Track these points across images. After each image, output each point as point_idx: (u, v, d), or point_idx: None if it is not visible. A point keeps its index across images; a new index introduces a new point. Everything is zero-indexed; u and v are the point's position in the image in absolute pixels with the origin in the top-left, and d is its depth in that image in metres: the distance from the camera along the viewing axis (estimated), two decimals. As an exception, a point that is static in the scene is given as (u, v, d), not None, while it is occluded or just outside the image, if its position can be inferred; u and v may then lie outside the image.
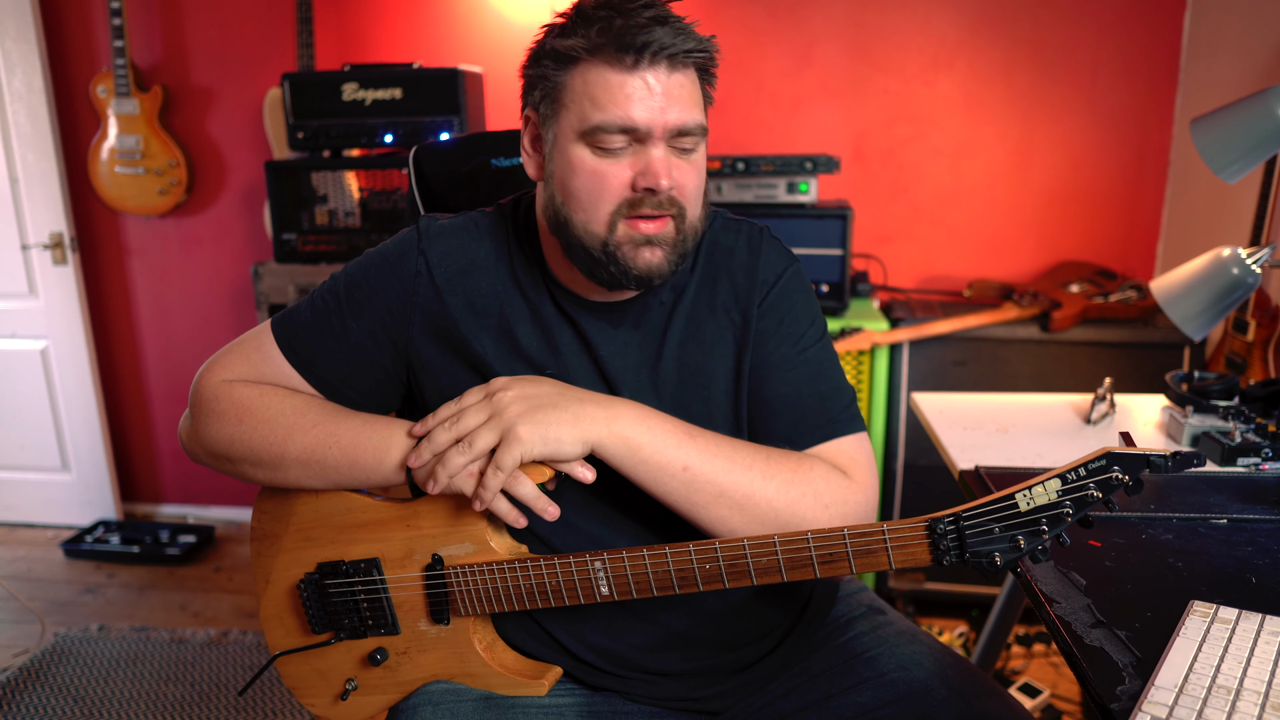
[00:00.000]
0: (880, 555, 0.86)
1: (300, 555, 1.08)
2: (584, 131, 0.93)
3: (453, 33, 2.88)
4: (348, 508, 1.06)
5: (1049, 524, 0.80)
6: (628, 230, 0.95)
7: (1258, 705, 0.74)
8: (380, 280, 1.06)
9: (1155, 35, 2.59)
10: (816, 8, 2.71)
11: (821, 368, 1.07)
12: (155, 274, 3.22)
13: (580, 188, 0.95)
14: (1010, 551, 0.82)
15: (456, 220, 1.10)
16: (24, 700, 2.26)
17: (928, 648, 1.07)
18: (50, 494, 3.31)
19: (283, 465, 1.03)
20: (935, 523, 0.83)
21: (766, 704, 1.08)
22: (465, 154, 1.41)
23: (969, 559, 0.83)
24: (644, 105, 0.91)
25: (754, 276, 1.06)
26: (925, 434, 2.24)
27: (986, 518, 0.82)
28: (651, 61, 0.90)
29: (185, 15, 2.98)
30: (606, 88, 0.91)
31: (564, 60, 0.93)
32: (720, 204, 2.38)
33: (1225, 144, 1.33)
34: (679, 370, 1.05)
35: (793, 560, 0.89)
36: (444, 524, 1.02)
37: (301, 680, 1.13)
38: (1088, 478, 0.78)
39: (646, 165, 0.93)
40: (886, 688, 1.02)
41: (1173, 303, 1.47)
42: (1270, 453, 1.32)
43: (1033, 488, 0.80)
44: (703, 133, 0.97)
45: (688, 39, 0.92)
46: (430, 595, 1.03)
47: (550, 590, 0.98)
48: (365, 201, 2.69)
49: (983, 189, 2.76)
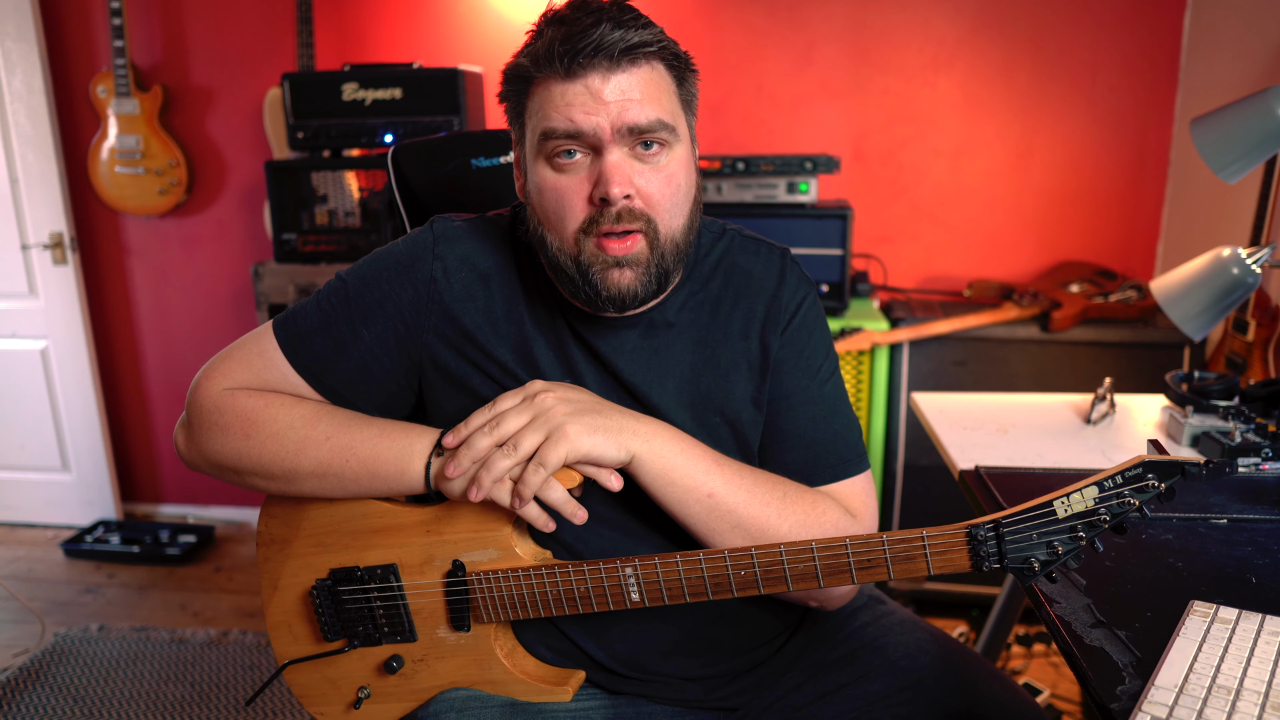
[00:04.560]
0: (919, 561, 0.86)
1: (311, 561, 1.05)
2: (539, 145, 0.92)
3: (453, 33, 2.88)
4: (364, 513, 1.03)
5: (1085, 530, 0.81)
6: (595, 250, 0.92)
7: (1258, 705, 0.74)
8: (393, 285, 1.01)
9: (1155, 35, 2.59)
10: (816, 8, 2.71)
11: (836, 404, 1.06)
12: (155, 274, 3.22)
13: (547, 207, 0.94)
14: (1048, 557, 0.82)
15: (472, 222, 1.06)
16: (24, 700, 2.26)
17: (930, 635, 1.10)
18: (50, 494, 3.31)
19: (296, 479, 0.99)
20: (975, 529, 0.84)
21: (781, 697, 1.09)
22: (445, 154, 1.38)
23: (1008, 564, 0.83)
24: (585, 109, 0.88)
25: (777, 304, 1.04)
26: (925, 434, 2.24)
27: (1025, 525, 0.82)
28: (590, 64, 0.87)
29: (185, 15, 2.98)
30: (550, 98, 0.89)
31: (520, 80, 0.93)
32: (720, 204, 2.39)
33: (1225, 144, 1.33)
34: (691, 390, 1.03)
35: (830, 567, 0.88)
36: (467, 530, 0.99)
37: (311, 688, 1.10)
38: (1124, 485, 0.80)
39: (600, 173, 0.89)
40: (897, 675, 1.04)
41: (1173, 303, 1.47)
42: (1270, 453, 1.32)
43: (1070, 495, 0.81)
44: (668, 130, 0.91)
45: (631, 33, 0.87)
46: (451, 602, 1.01)
47: (579, 597, 0.96)
48: (365, 201, 2.69)
49: (983, 189, 2.76)
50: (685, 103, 0.96)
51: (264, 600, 1.09)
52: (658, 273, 0.94)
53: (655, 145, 0.91)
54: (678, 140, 0.94)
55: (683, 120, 0.96)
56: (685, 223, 0.96)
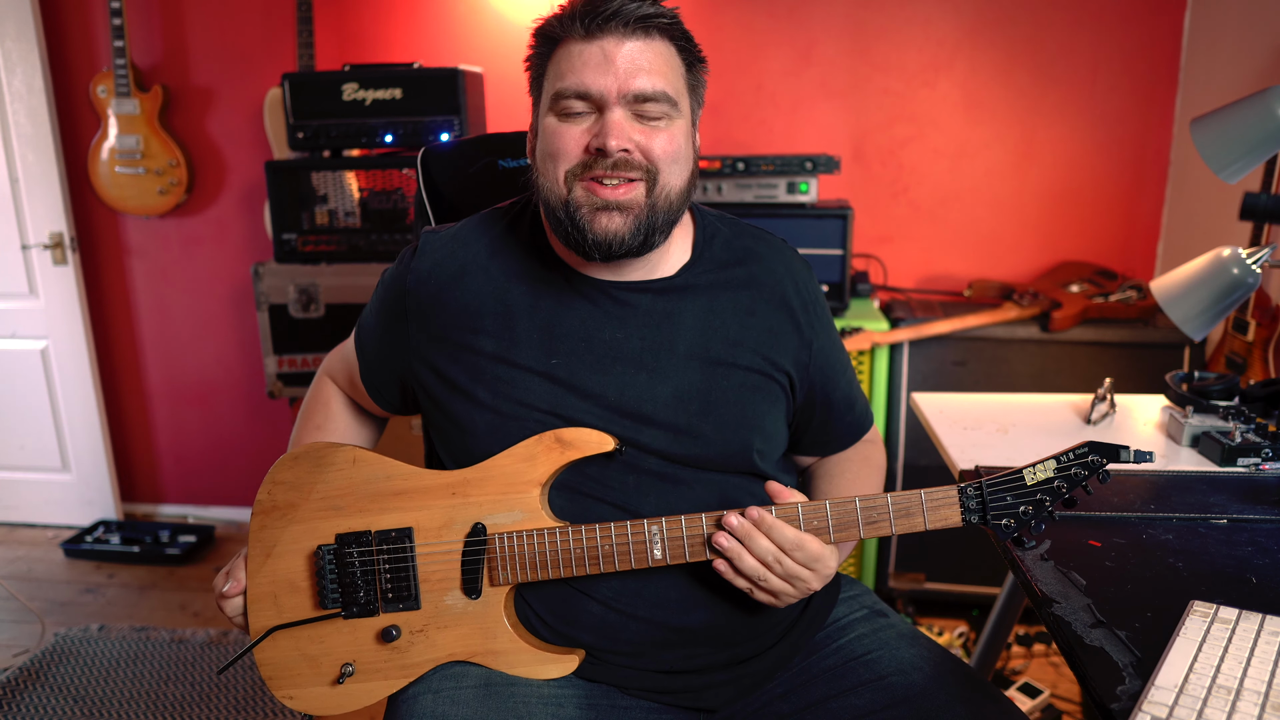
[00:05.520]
0: (917, 517, 0.99)
1: (318, 526, 1.06)
2: (551, 102, 0.99)
3: (453, 33, 2.88)
4: (388, 474, 1.06)
5: (1047, 496, 0.97)
6: (585, 193, 0.98)
7: (1258, 705, 0.74)
8: (382, 301, 1.16)
9: (1155, 35, 2.59)
10: (816, 8, 2.71)
11: (849, 364, 1.22)
12: (155, 274, 3.22)
13: (543, 150, 1.01)
14: (1019, 518, 0.97)
15: (454, 228, 1.14)
16: (24, 700, 2.26)
17: (928, 651, 1.07)
18: (50, 494, 3.31)
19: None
20: (964, 488, 0.99)
21: (765, 704, 1.08)
22: (472, 155, 1.42)
23: (989, 519, 0.98)
24: (597, 70, 0.95)
25: (803, 293, 1.13)
26: (925, 434, 2.24)
27: (1002, 488, 0.98)
28: (605, 28, 0.95)
29: (185, 15, 2.98)
30: (569, 58, 0.97)
31: (546, 40, 1.01)
32: (720, 204, 2.39)
33: (1225, 144, 1.33)
34: (700, 359, 1.07)
35: (841, 523, 0.99)
36: (495, 492, 1.03)
37: (284, 668, 1.07)
38: (1074, 461, 0.97)
39: (601, 127, 0.96)
40: (885, 691, 1.02)
41: (1173, 303, 1.47)
42: (1270, 453, 1.32)
43: (1035, 466, 0.97)
44: (670, 102, 0.98)
45: (648, 6, 0.96)
46: (466, 564, 1.04)
47: (601, 556, 1.01)
48: (365, 201, 2.68)
49: (983, 189, 2.76)
50: (691, 88, 1.04)
51: (250, 571, 1.08)
52: (648, 223, 1.00)
53: (657, 116, 0.98)
54: (679, 115, 1.01)
55: (686, 101, 1.02)
56: (682, 185, 1.02)
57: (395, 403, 1.21)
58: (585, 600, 1.05)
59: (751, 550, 0.97)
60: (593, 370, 1.05)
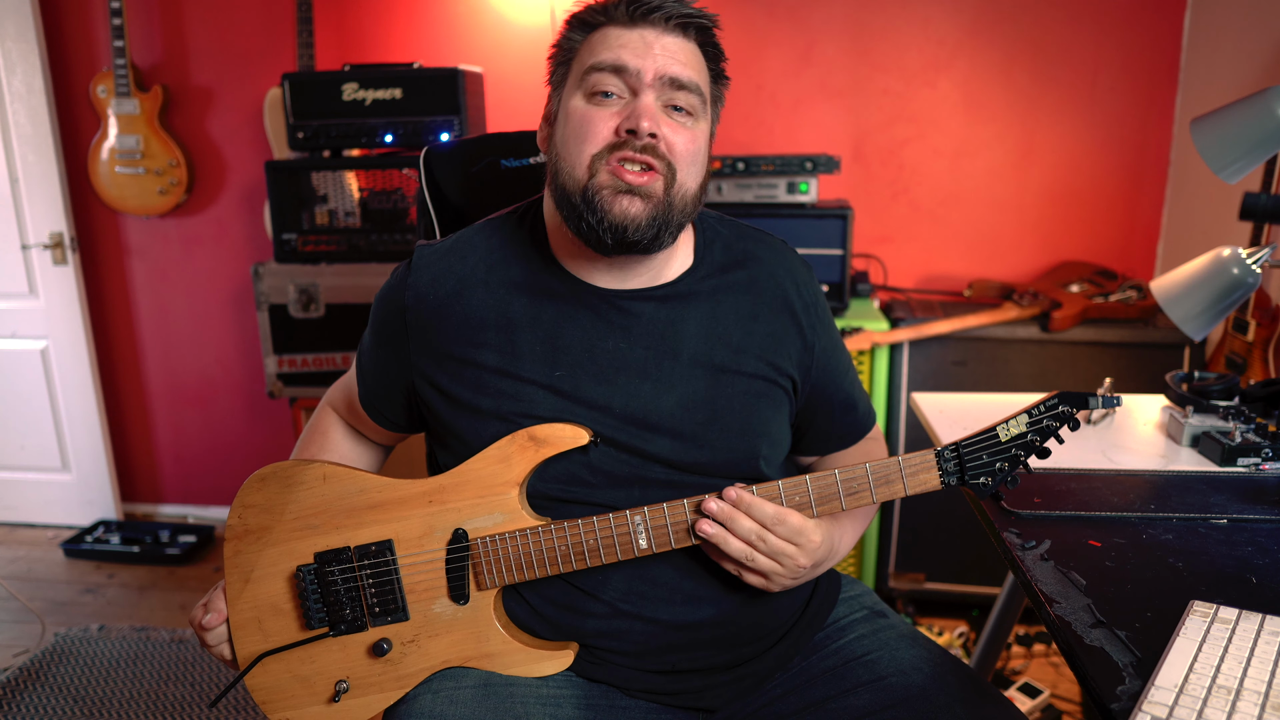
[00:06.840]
0: (897, 484, 0.99)
1: (294, 547, 1.04)
2: (581, 79, 0.99)
3: (453, 33, 2.88)
4: (361, 488, 1.03)
5: (1021, 450, 0.99)
6: (610, 175, 0.97)
7: (1258, 705, 0.74)
8: (379, 319, 1.14)
9: (1155, 35, 2.59)
10: (816, 8, 2.71)
11: (851, 365, 1.22)
12: (155, 274, 3.22)
13: (570, 133, 1.00)
14: (995, 474, 0.99)
15: (448, 242, 1.13)
16: (24, 700, 2.26)
17: (928, 652, 1.07)
18: (50, 494, 3.31)
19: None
20: (941, 451, 0.99)
21: (764, 705, 1.08)
22: (474, 155, 1.41)
23: (968, 479, 0.99)
24: (635, 51, 0.97)
25: (804, 295, 1.13)
26: (925, 434, 2.24)
27: (978, 447, 0.99)
28: (649, 19, 0.98)
29: (185, 15, 2.98)
30: (606, 40, 0.99)
31: (585, 26, 1.02)
32: (720, 204, 2.39)
33: (1225, 144, 1.33)
34: (704, 366, 1.06)
35: (822, 496, 1.00)
36: (473, 496, 1.02)
37: (276, 691, 1.05)
38: (1045, 413, 0.98)
39: (632, 109, 0.97)
40: (884, 692, 1.02)
41: (1173, 303, 1.47)
42: (1270, 453, 1.32)
43: (1008, 422, 0.99)
44: (699, 96, 1.00)
45: (689, 5, 1.00)
46: (451, 571, 1.03)
47: (587, 550, 1.00)
48: (365, 201, 2.69)
49: (983, 189, 2.76)
50: (714, 97, 1.05)
51: (230, 598, 1.06)
52: (664, 217, 0.99)
53: (684, 110, 1.00)
54: (703, 115, 1.02)
55: (709, 107, 1.04)
56: (696, 189, 1.03)
57: (399, 421, 1.18)
58: (591, 601, 1.05)
59: (734, 531, 0.97)
60: (597, 381, 1.04)
